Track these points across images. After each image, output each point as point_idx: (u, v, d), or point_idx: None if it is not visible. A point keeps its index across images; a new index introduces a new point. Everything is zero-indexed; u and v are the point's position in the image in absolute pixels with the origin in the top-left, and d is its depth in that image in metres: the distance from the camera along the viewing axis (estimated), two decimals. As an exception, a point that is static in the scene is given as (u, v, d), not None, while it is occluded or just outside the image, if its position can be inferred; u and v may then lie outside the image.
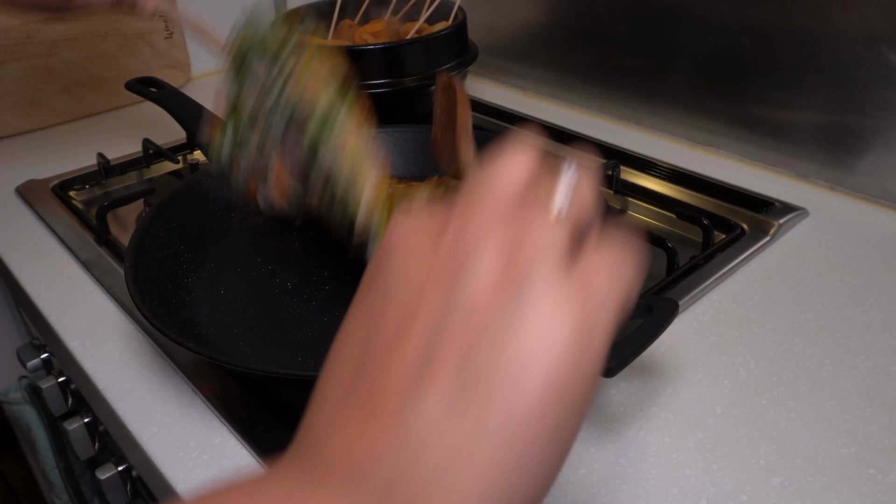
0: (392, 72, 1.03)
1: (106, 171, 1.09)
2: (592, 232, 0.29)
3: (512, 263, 0.26)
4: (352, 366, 0.27)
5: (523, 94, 1.32)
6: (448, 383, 0.24)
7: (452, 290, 0.26)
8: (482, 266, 0.26)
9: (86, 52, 1.31)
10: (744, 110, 1.02)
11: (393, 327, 0.26)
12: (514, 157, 0.29)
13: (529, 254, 0.26)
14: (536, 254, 0.26)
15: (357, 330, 0.28)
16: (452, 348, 0.25)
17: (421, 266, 0.27)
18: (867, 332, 0.72)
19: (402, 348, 0.26)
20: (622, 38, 1.13)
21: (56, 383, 0.94)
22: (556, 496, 0.57)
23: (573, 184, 0.29)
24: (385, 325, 0.27)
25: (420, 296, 0.26)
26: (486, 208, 0.27)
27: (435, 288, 0.26)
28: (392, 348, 0.26)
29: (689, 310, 0.76)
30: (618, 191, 0.98)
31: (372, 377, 0.26)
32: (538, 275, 0.25)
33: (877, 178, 0.92)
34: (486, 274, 0.25)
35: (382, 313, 0.27)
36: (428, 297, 0.26)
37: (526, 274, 0.25)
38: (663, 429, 0.62)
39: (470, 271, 0.26)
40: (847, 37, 0.88)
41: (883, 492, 0.56)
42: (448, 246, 0.26)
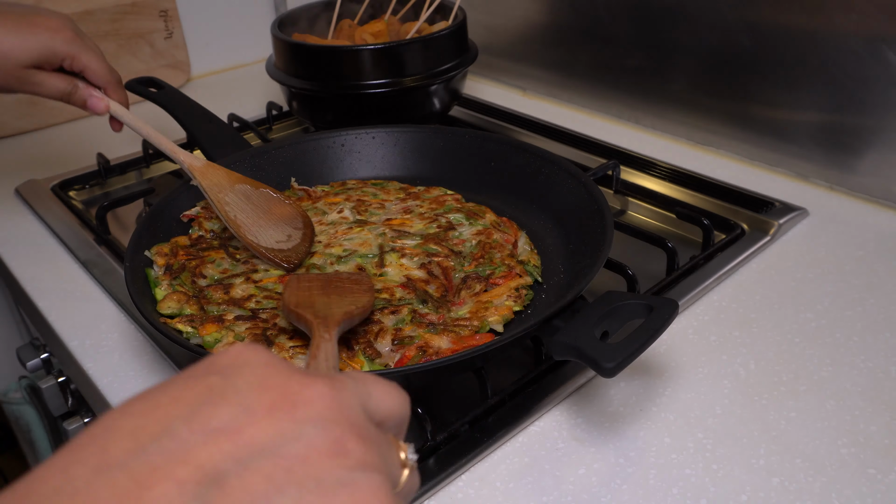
0: (392, 72, 1.03)
1: (106, 171, 1.09)
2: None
3: (350, 455, 0.28)
4: (161, 421, 0.27)
5: (523, 94, 1.32)
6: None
7: (293, 432, 0.27)
8: (329, 435, 0.27)
9: (86, 52, 1.31)
10: (744, 110, 1.02)
11: (218, 421, 0.27)
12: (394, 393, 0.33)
13: (366, 460, 0.28)
14: (373, 464, 0.28)
15: (183, 396, 0.28)
16: (257, 481, 0.25)
17: (272, 393, 0.28)
18: (867, 332, 0.72)
19: (213, 443, 0.26)
20: (622, 38, 1.13)
21: (56, 383, 0.94)
22: (556, 496, 0.57)
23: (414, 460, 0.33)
24: (202, 417, 0.27)
25: (258, 415, 0.27)
26: (356, 401, 0.30)
27: (276, 418, 0.27)
28: (191, 448, 0.26)
29: (689, 310, 0.76)
30: (618, 191, 0.98)
31: (149, 465, 0.25)
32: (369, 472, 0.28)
33: (877, 178, 0.92)
34: (327, 443, 0.27)
35: (210, 402, 0.27)
36: (265, 421, 0.27)
37: (360, 468, 0.27)
38: (663, 429, 0.62)
39: (314, 433, 0.27)
40: (847, 37, 0.89)
41: (883, 492, 0.56)
42: (307, 397, 0.28)
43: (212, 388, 0.28)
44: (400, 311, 0.68)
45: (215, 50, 1.49)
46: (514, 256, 0.76)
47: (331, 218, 0.83)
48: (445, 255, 0.76)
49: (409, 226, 0.81)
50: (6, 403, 1.08)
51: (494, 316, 0.68)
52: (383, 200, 0.86)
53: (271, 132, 1.23)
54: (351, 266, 0.74)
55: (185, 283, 0.72)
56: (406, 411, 0.34)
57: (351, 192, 0.88)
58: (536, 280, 0.75)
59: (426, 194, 0.87)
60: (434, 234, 0.79)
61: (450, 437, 0.61)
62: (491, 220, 0.82)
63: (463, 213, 0.83)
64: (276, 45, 1.10)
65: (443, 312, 0.69)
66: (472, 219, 0.82)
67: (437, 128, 0.93)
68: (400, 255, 0.76)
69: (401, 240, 0.78)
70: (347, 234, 0.80)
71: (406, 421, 0.34)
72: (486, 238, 0.78)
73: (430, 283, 0.72)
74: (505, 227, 0.81)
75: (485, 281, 0.72)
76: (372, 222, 0.82)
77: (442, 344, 0.65)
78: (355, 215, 0.84)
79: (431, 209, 0.84)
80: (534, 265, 0.76)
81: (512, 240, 0.79)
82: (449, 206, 0.84)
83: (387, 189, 0.89)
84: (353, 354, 0.63)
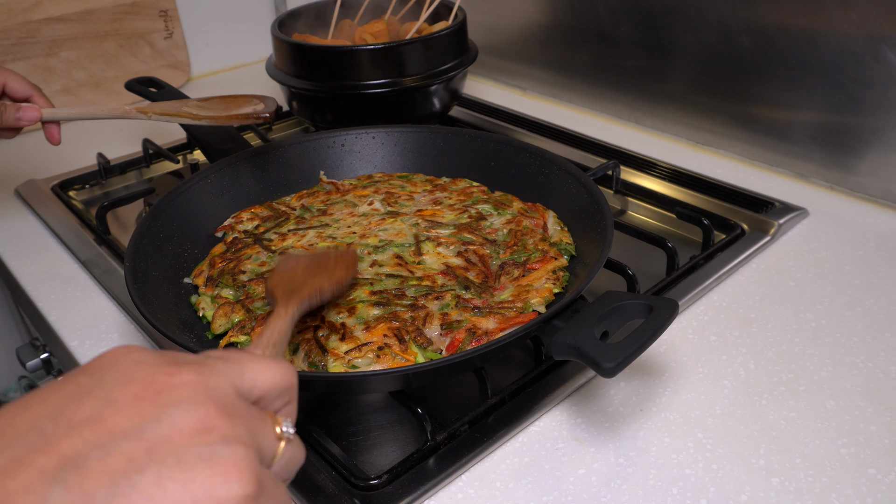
0: (392, 72, 1.03)
1: (106, 171, 1.09)
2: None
3: (213, 431, 0.30)
4: (35, 434, 0.29)
5: (523, 94, 1.32)
6: (92, 489, 0.27)
7: (156, 416, 0.29)
8: (192, 416, 0.30)
9: (86, 52, 1.31)
10: (744, 110, 1.02)
11: (82, 414, 0.29)
12: (272, 368, 0.35)
13: (230, 435, 0.30)
14: (238, 437, 0.30)
15: (51, 397, 0.30)
16: (117, 462, 0.27)
17: (137, 385, 0.30)
18: (867, 332, 0.72)
19: (76, 434, 0.28)
20: (622, 38, 1.13)
21: (56, 383, 0.94)
22: (556, 496, 0.57)
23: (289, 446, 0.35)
24: (67, 412, 0.29)
25: (121, 405, 0.29)
26: (225, 382, 0.32)
27: (139, 406, 0.29)
28: (54, 440, 0.28)
29: (689, 310, 0.76)
30: (618, 191, 0.98)
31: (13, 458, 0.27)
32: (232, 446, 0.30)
33: (876, 178, 0.92)
34: (190, 423, 0.29)
35: (75, 399, 0.30)
36: (128, 410, 0.29)
37: (222, 442, 0.29)
38: (663, 429, 0.62)
39: (177, 414, 0.29)
40: (847, 37, 0.89)
41: (883, 492, 0.56)
42: (171, 384, 0.30)
43: (79, 387, 0.30)
44: (443, 296, 0.69)
45: (215, 50, 1.49)
46: (545, 240, 0.77)
47: (362, 210, 0.84)
48: (480, 243, 0.77)
49: (440, 216, 0.82)
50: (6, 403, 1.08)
51: (536, 298, 0.69)
52: (411, 192, 0.87)
53: (271, 132, 1.23)
54: (388, 255, 0.75)
55: (227, 283, 0.73)
56: (288, 382, 0.36)
57: (379, 184, 0.89)
58: (572, 255, 0.76)
59: (453, 186, 0.88)
60: (466, 224, 0.80)
61: (450, 437, 0.61)
62: (518, 207, 0.83)
63: (490, 204, 0.84)
64: (276, 45, 1.10)
65: (486, 297, 0.69)
66: (499, 209, 0.83)
67: (437, 128, 0.93)
68: (436, 243, 0.77)
69: (434, 230, 0.79)
70: (381, 224, 0.81)
71: (291, 391, 0.36)
72: (516, 226, 0.79)
73: (470, 269, 0.73)
74: (533, 212, 0.81)
75: (522, 266, 0.73)
76: (404, 213, 0.83)
77: (489, 325, 0.65)
78: (386, 207, 0.84)
79: (460, 200, 0.85)
80: (567, 243, 0.77)
81: (541, 223, 0.80)
82: (476, 197, 0.86)
83: (413, 181, 0.90)
84: (405, 347, 0.63)
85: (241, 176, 0.87)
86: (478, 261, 0.75)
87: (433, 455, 0.60)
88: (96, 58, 1.32)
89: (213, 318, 0.69)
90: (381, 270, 0.73)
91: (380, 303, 0.68)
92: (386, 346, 0.63)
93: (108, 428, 0.28)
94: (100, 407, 0.29)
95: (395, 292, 0.69)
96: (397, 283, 0.71)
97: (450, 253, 0.76)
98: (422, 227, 0.80)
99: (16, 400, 0.30)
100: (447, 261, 0.74)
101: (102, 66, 1.33)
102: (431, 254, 0.76)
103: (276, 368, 0.36)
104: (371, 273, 0.73)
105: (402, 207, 0.84)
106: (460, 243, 0.77)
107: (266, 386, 0.35)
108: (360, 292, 0.69)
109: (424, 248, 0.76)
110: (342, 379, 0.60)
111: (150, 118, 0.83)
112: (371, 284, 0.70)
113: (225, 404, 0.31)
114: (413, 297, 0.69)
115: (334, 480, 0.58)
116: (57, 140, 0.86)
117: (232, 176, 0.87)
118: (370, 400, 0.69)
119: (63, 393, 0.30)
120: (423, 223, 0.80)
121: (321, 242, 0.78)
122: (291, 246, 0.78)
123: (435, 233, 0.79)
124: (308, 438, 0.62)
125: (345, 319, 0.66)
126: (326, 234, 0.80)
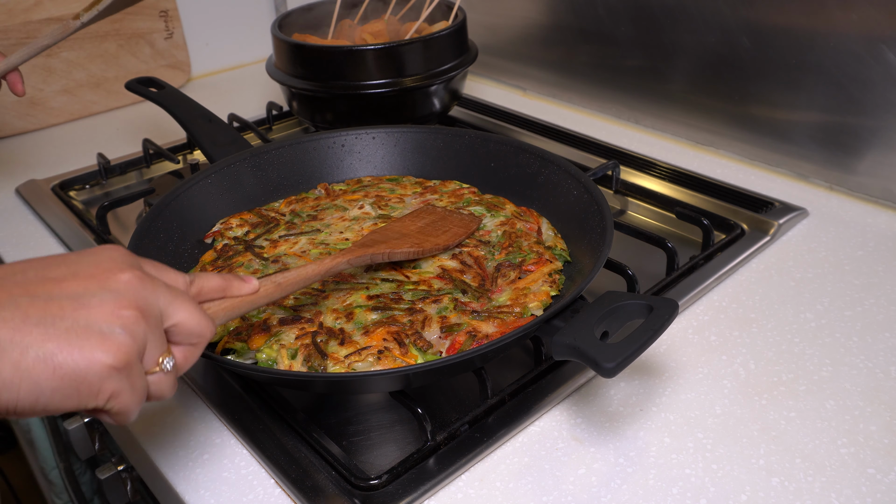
0: (392, 72, 1.03)
1: (106, 171, 1.09)
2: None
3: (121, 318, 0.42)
4: (21, 275, 0.42)
5: (523, 94, 1.32)
6: (31, 315, 0.40)
7: (95, 290, 0.42)
8: (116, 302, 0.42)
9: (86, 52, 1.31)
10: (744, 110, 1.02)
11: (53, 274, 0.42)
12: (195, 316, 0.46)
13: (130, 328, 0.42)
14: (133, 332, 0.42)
15: (49, 260, 0.44)
16: (52, 306, 0.40)
17: (99, 268, 0.43)
18: (867, 332, 0.72)
19: (41, 284, 0.42)
20: (622, 38, 1.13)
21: (56, 383, 0.94)
22: (556, 496, 0.57)
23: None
24: (46, 271, 0.43)
25: (78, 278, 0.42)
26: (153, 298, 0.44)
27: (90, 282, 0.42)
28: (30, 282, 0.42)
29: (689, 310, 0.76)
30: (618, 191, 0.98)
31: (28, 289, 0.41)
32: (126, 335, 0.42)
33: (876, 178, 0.92)
34: (111, 306, 0.42)
35: (56, 265, 0.43)
36: (82, 281, 0.42)
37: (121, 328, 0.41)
38: (663, 429, 0.62)
39: (107, 296, 0.42)
40: (847, 37, 0.89)
41: (883, 492, 0.56)
42: (119, 278, 0.43)
43: (66, 259, 0.44)
44: (441, 300, 0.69)
45: (215, 50, 1.49)
46: (540, 243, 0.77)
47: (353, 214, 0.84)
48: (475, 245, 0.77)
49: None
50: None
51: (534, 302, 0.69)
52: (402, 195, 0.87)
53: (271, 132, 1.23)
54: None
55: None
56: (199, 329, 0.46)
57: (368, 188, 0.89)
58: (566, 261, 0.76)
59: (443, 188, 0.88)
60: None
61: (450, 437, 0.61)
62: (511, 210, 0.82)
63: (483, 206, 0.84)
64: (277, 45, 1.10)
65: (484, 301, 0.69)
66: (492, 210, 0.83)
67: (437, 128, 0.93)
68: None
69: None
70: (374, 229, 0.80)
71: (199, 339, 0.47)
72: (510, 228, 0.79)
73: (466, 272, 0.73)
74: (526, 216, 0.81)
75: (518, 268, 0.73)
76: (395, 217, 0.83)
77: (489, 329, 0.65)
78: (377, 210, 0.84)
79: (451, 202, 0.85)
80: (561, 248, 0.77)
81: (535, 227, 0.80)
82: (467, 198, 0.85)
83: (402, 184, 0.90)
84: (405, 350, 0.63)
85: (241, 176, 0.87)
86: (473, 262, 0.74)
87: (433, 455, 0.60)
88: (96, 58, 1.32)
89: None
90: (377, 275, 0.73)
91: (377, 307, 0.68)
92: (386, 350, 0.63)
93: (62, 287, 0.42)
94: (65, 274, 0.42)
95: (392, 296, 0.69)
96: (393, 288, 0.71)
97: (445, 256, 0.75)
98: None
99: (36, 258, 0.44)
100: (442, 264, 0.74)
101: (102, 66, 1.33)
102: (426, 258, 0.75)
103: (198, 317, 0.46)
104: (366, 278, 0.72)
105: (392, 210, 0.84)
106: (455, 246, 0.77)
107: (179, 321, 0.45)
108: (356, 297, 0.69)
109: None
110: (343, 379, 0.60)
111: (81, 18, 0.86)
112: (367, 289, 0.70)
113: (142, 309, 0.43)
114: (410, 301, 0.68)
115: (334, 480, 0.58)
116: (21, 90, 0.87)
117: (232, 176, 0.87)
118: (370, 400, 0.69)
119: (56, 259, 0.44)
120: None
121: (313, 249, 0.78)
122: (284, 253, 0.77)
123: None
124: (308, 438, 0.62)
125: (343, 325, 0.66)
126: (318, 239, 0.79)
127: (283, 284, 0.56)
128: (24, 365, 0.39)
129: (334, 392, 0.69)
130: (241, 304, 0.52)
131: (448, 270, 0.73)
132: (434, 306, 0.68)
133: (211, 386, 0.68)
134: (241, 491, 0.59)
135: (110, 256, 0.44)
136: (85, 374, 0.40)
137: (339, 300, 0.69)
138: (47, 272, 0.42)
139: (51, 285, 0.42)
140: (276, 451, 0.61)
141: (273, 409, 0.65)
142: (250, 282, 0.53)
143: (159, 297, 0.44)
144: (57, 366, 0.39)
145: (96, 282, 0.42)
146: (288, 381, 0.64)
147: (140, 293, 0.43)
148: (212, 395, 0.67)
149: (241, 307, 0.52)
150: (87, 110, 1.33)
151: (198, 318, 0.46)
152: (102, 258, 0.44)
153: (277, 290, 0.55)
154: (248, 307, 0.53)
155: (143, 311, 0.43)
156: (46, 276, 0.42)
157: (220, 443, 0.63)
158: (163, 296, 0.45)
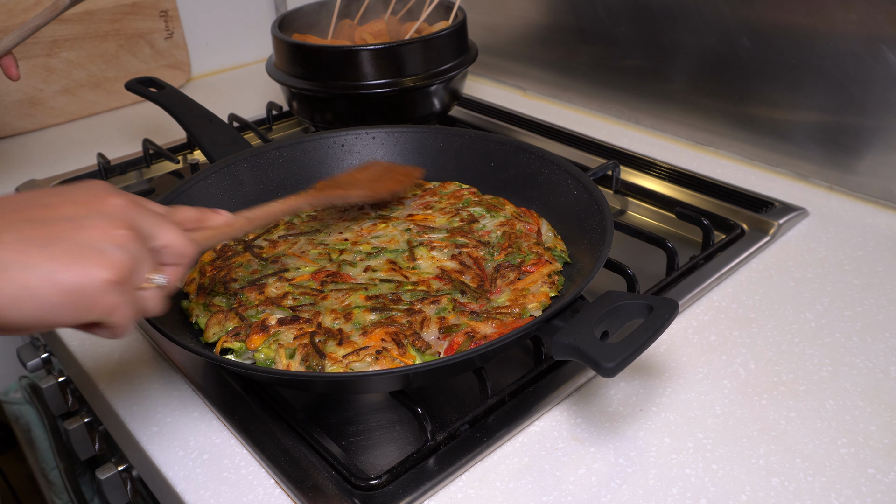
0: (392, 72, 1.03)
1: (106, 171, 1.09)
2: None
3: (113, 238, 0.45)
4: (16, 204, 0.46)
5: (523, 94, 1.32)
6: (31, 237, 0.43)
7: (90, 213, 0.46)
8: (110, 223, 0.45)
9: (86, 52, 1.31)
10: (744, 110, 1.02)
11: (49, 200, 0.46)
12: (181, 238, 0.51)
13: (122, 245, 0.45)
14: (125, 249, 0.45)
15: (46, 190, 0.47)
16: (48, 227, 0.44)
17: (91, 195, 0.47)
18: (867, 332, 0.72)
19: (40, 209, 0.45)
20: (622, 38, 1.13)
21: (56, 383, 0.94)
22: (556, 496, 0.57)
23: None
24: (49, 202, 0.46)
25: (73, 203, 0.46)
26: (142, 220, 0.48)
27: (84, 207, 0.46)
28: (29, 207, 0.45)
29: (689, 310, 0.76)
30: (618, 191, 0.98)
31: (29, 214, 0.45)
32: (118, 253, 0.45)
33: (876, 178, 0.92)
34: (105, 226, 0.45)
35: (55, 194, 0.47)
36: (78, 206, 0.46)
37: (114, 246, 0.45)
38: (663, 429, 0.62)
39: (101, 218, 0.45)
40: (847, 37, 0.89)
41: (883, 492, 0.56)
42: (112, 203, 0.47)
43: (62, 190, 0.47)
44: (440, 300, 0.68)
45: (215, 50, 1.49)
46: (540, 244, 0.77)
47: (352, 214, 0.84)
48: (474, 245, 0.77)
49: (432, 221, 0.82)
50: (7, 403, 1.08)
51: (533, 303, 0.69)
52: (401, 197, 0.87)
53: (271, 132, 1.23)
54: (382, 260, 0.75)
55: (219, 291, 0.73)
56: (185, 250, 0.51)
57: None
58: (566, 262, 0.76)
59: (442, 189, 0.88)
60: (458, 227, 0.80)
61: (450, 437, 0.61)
62: (511, 210, 0.82)
63: (483, 206, 0.83)
64: (277, 45, 1.10)
65: (483, 302, 0.69)
66: (492, 211, 0.82)
67: (437, 128, 0.93)
68: (429, 248, 0.77)
69: (427, 234, 0.79)
70: (373, 230, 0.80)
71: (184, 259, 0.51)
72: (509, 228, 0.79)
73: (465, 273, 0.73)
74: (526, 217, 0.81)
75: (517, 269, 0.73)
76: (395, 217, 0.83)
77: (488, 330, 0.65)
78: (376, 210, 0.84)
79: (451, 203, 0.85)
80: (561, 250, 0.77)
81: (535, 228, 0.80)
82: (467, 199, 0.85)
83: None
84: (403, 351, 0.63)
85: (240, 176, 0.87)
86: (472, 263, 0.74)
87: (433, 455, 0.60)
88: (96, 58, 1.32)
89: (206, 327, 0.69)
90: (376, 276, 0.73)
91: (376, 308, 0.68)
92: (384, 350, 0.63)
93: (58, 211, 0.45)
94: (61, 201, 0.46)
95: (391, 297, 0.69)
96: (392, 288, 0.71)
97: (444, 256, 0.75)
98: (414, 233, 0.79)
99: (37, 190, 0.48)
100: (441, 264, 0.74)
101: (102, 66, 1.33)
102: (425, 258, 0.75)
103: (182, 239, 0.51)
104: (365, 278, 0.72)
105: (392, 211, 0.84)
106: (454, 246, 0.77)
107: (167, 242, 0.49)
108: (355, 298, 0.69)
109: (418, 254, 0.76)
110: (344, 379, 0.60)
111: None
112: (366, 289, 0.70)
113: (134, 229, 0.46)
114: (409, 302, 0.68)
115: (334, 480, 0.58)
116: (15, 74, 0.87)
117: (232, 176, 0.87)
118: (370, 400, 0.69)
119: (48, 190, 0.47)
120: (414, 228, 0.80)
121: (313, 249, 0.78)
122: (283, 253, 0.77)
123: (428, 237, 0.78)
124: (308, 438, 0.62)
125: (341, 325, 0.66)
126: (317, 240, 0.79)
127: (253, 219, 0.62)
128: (30, 283, 0.41)
129: (334, 392, 0.69)
130: (216, 235, 0.57)
131: (447, 271, 0.73)
132: (433, 307, 0.68)
133: (211, 386, 0.68)
134: (241, 491, 0.59)
135: (99, 186, 0.48)
136: (86, 289, 0.43)
137: (337, 301, 0.69)
138: (41, 200, 0.46)
139: (47, 210, 0.45)
140: (276, 451, 0.61)
141: (273, 409, 0.65)
142: (223, 214, 0.59)
143: (147, 219, 0.48)
144: (59, 283, 0.42)
145: (89, 206, 0.46)
146: (288, 380, 0.64)
147: (130, 215, 0.47)
148: (212, 395, 0.67)
149: (216, 237, 0.57)
150: (87, 110, 1.33)
151: (182, 239, 0.51)
152: (92, 188, 0.48)
153: (248, 224, 0.61)
154: (222, 237, 0.58)
155: (135, 230, 0.46)
156: (41, 202, 0.46)
157: (220, 443, 0.63)
158: (150, 219, 0.49)
